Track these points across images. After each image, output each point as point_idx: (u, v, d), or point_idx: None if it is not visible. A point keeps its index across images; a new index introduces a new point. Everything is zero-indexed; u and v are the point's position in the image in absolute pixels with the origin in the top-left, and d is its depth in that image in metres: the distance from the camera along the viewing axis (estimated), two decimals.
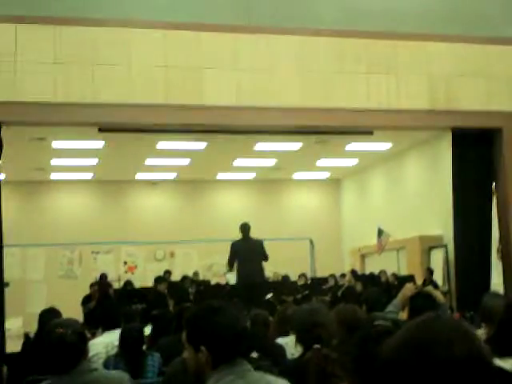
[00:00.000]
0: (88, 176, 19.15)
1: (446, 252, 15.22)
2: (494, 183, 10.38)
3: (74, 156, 16.55)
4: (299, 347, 4.12)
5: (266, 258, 12.17)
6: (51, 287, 17.08)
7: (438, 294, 5.34)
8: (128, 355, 5.45)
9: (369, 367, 2.43)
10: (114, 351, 5.71)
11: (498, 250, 10.30)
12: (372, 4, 10.05)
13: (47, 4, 8.71)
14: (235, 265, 12.26)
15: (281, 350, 5.31)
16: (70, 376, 3.37)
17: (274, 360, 4.25)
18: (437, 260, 15.69)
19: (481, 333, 4.19)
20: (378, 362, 1.66)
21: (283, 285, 14.24)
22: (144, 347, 5.76)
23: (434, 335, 1.56)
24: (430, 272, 14.81)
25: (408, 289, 5.25)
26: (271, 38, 9.47)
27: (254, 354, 4.17)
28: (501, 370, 2.58)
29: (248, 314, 5.97)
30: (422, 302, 4.84)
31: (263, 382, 2.84)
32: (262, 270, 12.25)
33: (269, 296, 12.25)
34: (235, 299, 10.39)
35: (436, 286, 12.98)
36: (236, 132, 10.90)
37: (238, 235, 12.56)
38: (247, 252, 12.06)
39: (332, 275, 16.27)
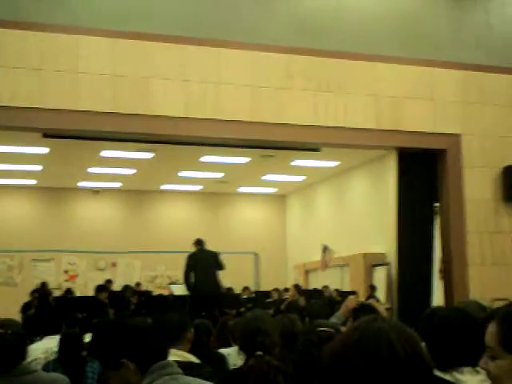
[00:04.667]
0: (31, 182, 18.86)
1: (389, 270, 15.39)
2: (438, 203, 10.54)
3: (18, 162, 16.29)
4: (242, 355, 4.11)
5: (221, 267, 12.32)
6: None
7: (380, 308, 5.40)
8: (67, 361, 5.38)
9: (311, 372, 2.44)
10: (52, 357, 5.63)
11: (439, 270, 10.45)
12: (322, 23, 10.15)
13: None
14: (191, 276, 12.29)
15: (222, 359, 5.30)
16: (8, 377, 3.30)
17: (215, 369, 4.24)
18: (380, 277, 15.85)
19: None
20: (321, 364, 1.67)
21: (227, 297, 14.22)
22: (84, 354, 5.69)
23: (375, 336, 1.59)
24: (373, 289, 14.96)
25: (351, 301, 5.29)
26: (221, 51, 9.49)
27: (195, 359, 4.15)
28: (444, 380, 2.62)
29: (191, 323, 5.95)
30: (365, 314, 4.87)
31: None
32: (218, 281, 12.38)
33: None
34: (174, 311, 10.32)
35: (377, 300, 13.09)
36: (183, 143, 10.88)
37: (181, 247, 12.55)
38: (203, 263, 12.13)
39: (276, 289, 16.30)
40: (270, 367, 3.49)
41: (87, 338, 6.66)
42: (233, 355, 5.39)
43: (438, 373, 2.70)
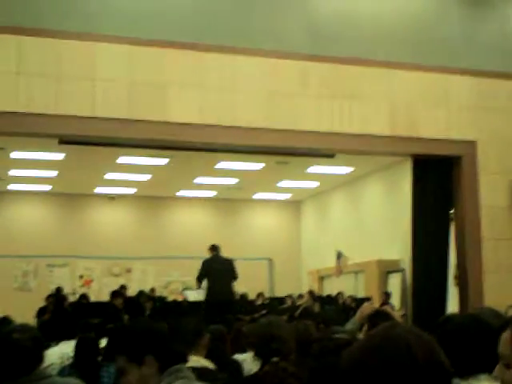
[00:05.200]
0: (46, 188, 18.95)
1: (404, 276, 15.34)
2: (453, 210, 10.51)
3: (33, 167, 16.38)
4: (257, 362, 4.11)
5: (236, 276, 12.28)
6: (5, 299, 16.84)
7: (395, 314, 5.39)
8: (83, 366, 5.40)
9: (327, 379, 2.45)
10: (68, 362, 5.65)
11: (454, 277, 10.42)
12: (338, 29, 10.16)
13: (10, 13, 8.65)
14: (203, 282, 12.31)
15: (237, 365, 5.30)
16: (24, 382, 3.32)
17: (230, 375, 4.24)
18: (394, 284, 15.81)
19: None
20: (339, 370, 1.68)
21: (241, 304, 14.22)
22: (99, 359, 5.71)
23: (394, 342, 1.59)
24: (387, 295, 14.92)
25: (366, 307, 5.28)
26: (236, 58, 9.51)
27: (210, 365, 4.16)
28: None
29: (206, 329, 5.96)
30: (380, 320, 4.86)
31: None
32: (232, 288, 12.37)
33: None
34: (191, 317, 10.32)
35: (392, 308, 13.07)
36: (198, 149, 10.91)
37: (196, 253, 12.57)
38: (218, 270, 12.12)
39: (290, 295, 16.29)
40: (285, 373, 3.50)
41: (102, 343, 6.69)
42: (248, 361, 5.39)
43: (455, 380, 2.70)
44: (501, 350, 2.20)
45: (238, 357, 5.66)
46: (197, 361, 3.97)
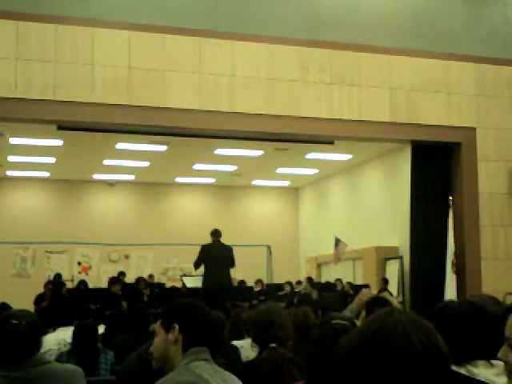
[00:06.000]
0: (45, 174, 18.91)
1: (402, 263, 15.36)
2: (451, 197, 10.51)
3: (32, 154, 16.34)
4: (255, 347, 4.11)
5: (233, 264, 12.25)
6: (3, 285, 16.84)
7: (394, 301, 5.39)
8: (81, 352, 5.40)
9: (325, 365, 2.44)
10: (66, 348, 5.65)
11: (452, 264, 10.43)
12: (337, 15, 10.12)
13: None
14: (202, 268, 12.29)
15: (236, 351, 5.31)
16: (22, 368, 3.31)
17: (228, 361, 4.24)
18: (392, 271, 15.82)
19: None
20: (336, 357, 1.67)
21: (239, 290, 14.22)
22: (98, 345, 5.71)
23: (392, 328, 1.58)
24: (386, 282, 14.93)
25: (364, 294, 5.28)
26: (236, 44, 9.48)
27: None
28: (458, 374, 2.61)
29: None
30: (378, 307, 4.85)
31: (226, 374, 2.97)
32: (229, 275, 12.33)
33: None
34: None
35: (390, 294, 13.08)
36: (197, 135, 10.88)
37: (194, 239, 12.55)
38: (216, 256, 12.09)
39: (288, 282, 16.30)
40: (283, 359, 3.50)
41: (101, 329, 6.70)
42: (246, 347, 5.40)
43: (452, 366, 2.69)
44: (507, 332, 2.20)
45: (236, 343, 5.67)
46: None
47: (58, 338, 5.83)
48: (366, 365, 1.55)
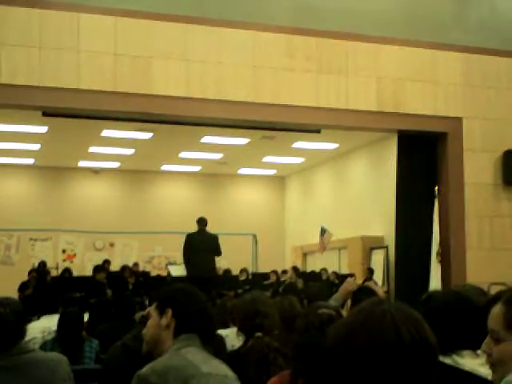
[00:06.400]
0: (29, 161, 18.80)
1: (387, 253, 15.40)
2: (437, 187, 10.52)
3: (16, 140, 16.23)
4: (240, 337, 4.10)
5: (218, 252, 12.22)
6: None
7: (379, 290, 5.39)
8: (66, 340, 5.36)
9: (312, 354, 2.42)
10: (50, 336, 5.61)
11: (437, 254, 10.46)
12: (324, 3, 10.08)
13: None
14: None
15: (221, 341, 5.29)
16: (6, 356, 3.28)
17: (215, 351, 4.22)
18: (377, 261, 15.87)
19: None
20: (324, 347, 1.66)
21: (224, 279, 14.23)
22: (82, 333, 5.68)
23: (380, 319, 1.57)
24: (371, 272, 14.98)
25: (349, 283, 5.28)
26: (222, 31, 9.43)
27: None
28: (444, 364, 2.60)
29: None
30: (364, 296, 4.86)
31: (218, 361, 2.99)
32: (213, 263, 12.29)
33: None
34: None
35: (375, 283, 13.12)
36: (183, 123, 10.83)
37: (180, 228, 12.52)
38: (201, 245, 12.05)
39: (274, 271, 16.31)
40: (269, 348, 3.48)
41: (85, 317, 6.66)
42: (231, 336, 5.38)
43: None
44: (490, 324, 2.19)
45: (222, 332, 5.65)
46: None
47: (43, 326, 5.80)
48: (354, 356, 1.54)
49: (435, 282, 10.46)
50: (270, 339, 3.67)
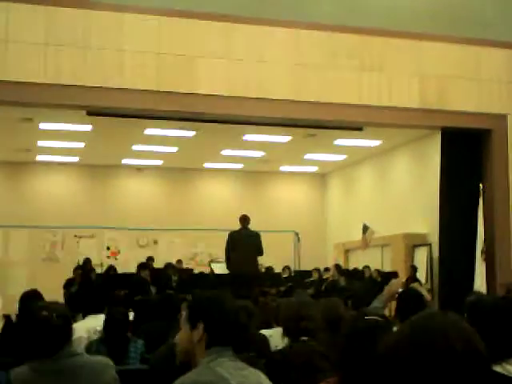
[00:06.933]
0: (74, 159, 19.00)
1: (430, 251, 15.26)
2: (482, 184, 10.40)
3: (61, 139, 16.42)
4: (284, 338, 4.10)
5: (260, 252, 12.21)
6: (33, 270, 17.06)
7: (425, 293, 5.34)
8: (112, 340, 5.41)
9: (357, 361, 2.41)
10: (95, 336, 5.67)
11: (482, 252, 10.34)
12: (367, 0, 10.03)
13: None
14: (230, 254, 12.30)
15: (265, 341, 5.29)
16: (53, 360, 3.32)
17: (259, 351, 4.23)
18: (421, 258, 15.73)
19: None
20: (374, 356, 1.65)
21: (267, 276, 14.24)
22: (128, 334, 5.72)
23: (432, 331, 1.56)
24: (414, 269, 14.84)
25: (395, 284, 5.22)
26: (264, 29, 9.43)
27: None
28: (495, 373, 2.57)
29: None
30: (410, 299, 4.82)
31: (250, 371, 2.94)
32: (256, 261, 12.30)
33: None
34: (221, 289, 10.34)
35: (420, 284, 13.01)
36: (225, 121, 10.86)
37: (222, 225, 12.54)
38: (243, 243, 12.07)
39: (316, 269, 16.26)
40: (314, 353, 3.48)
41: (130, 316, 6.72)
42: (275, 337, 5.38)
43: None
44: None
45: (265, 332, 5.65)
46: None
47: (88, 326, 5.85)
48: (407, 366, 1.53)
49: (480, 281, 10.32)
50: (315, 343, 3.67)
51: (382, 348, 1.61)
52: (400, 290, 5.33)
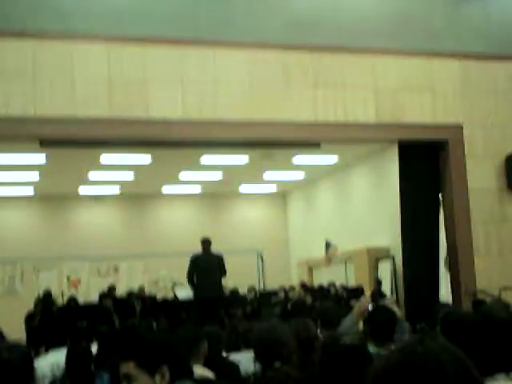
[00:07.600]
0: (29, 191, 18.70)
1: (394, 263, 15.29)
2: (441, 194, 10.45)
3: (14, 170, 16.13)
4: (257, 365, 4.00)
5: (224, 272, 12.11)
6: None
7: (396, 309, 5.30)
8: (75, 376, 5.25)
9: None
10: (59, 372, 5.50)
11: (445, 261, 10.38)
12: (318, 17, 10.05)
13: None
14: (193, 277, 12.15)
15: (235, 368, 5.18)
16: None
17: (229, 378, 4.13)
18: (384, 271, 15.74)
19: None
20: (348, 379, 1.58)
21: (232, 299, 14.10)
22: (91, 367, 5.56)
23: (423, 357, 1.50)
24: (379, 283, 14.84)
25: (363, 303, 5.18)
26: (217, 51, 9.39)
27: (209, 373, 4.03)
28: None
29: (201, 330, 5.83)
30: (382, 316, 4.75)
31: None
32: (220, 284, 12.18)
33: None
34: (185, 316, 10.22)
35: (384, 297, 13.00)
36: (181, 145, 10.75)
37: (183, 249, 12.43)
38: (206, 265, 11.96)
39: (282, 288, 16.18)
40: (289, 379, 3.39)
41: (93, 347, 6.55)
42: (244, 362, 5.27)
43: None
44: None
45: (234, 356, 5.55)
46: (196, 371, 3.85)
47: (52, 362, 5.69)
48: None
49: (445, 289, 10.37)
50: (289, 368, 3.58)
51: (373, 374, 1.54)
52: (369, 305, 5.28)
